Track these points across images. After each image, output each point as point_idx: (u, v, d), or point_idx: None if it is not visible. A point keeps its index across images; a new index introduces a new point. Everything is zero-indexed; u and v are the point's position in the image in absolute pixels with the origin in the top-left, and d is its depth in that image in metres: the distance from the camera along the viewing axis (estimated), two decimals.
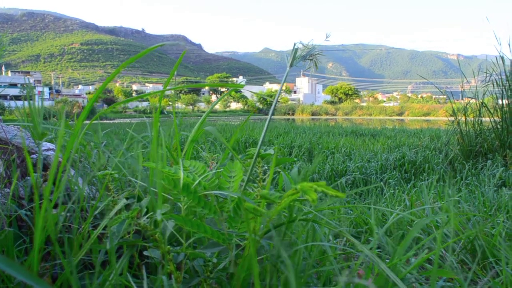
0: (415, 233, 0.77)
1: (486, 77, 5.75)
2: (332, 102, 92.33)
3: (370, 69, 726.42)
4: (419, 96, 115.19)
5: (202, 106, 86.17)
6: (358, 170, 5.37)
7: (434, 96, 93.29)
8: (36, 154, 1.39)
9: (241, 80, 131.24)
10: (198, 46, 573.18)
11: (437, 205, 2.53)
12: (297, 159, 6.40)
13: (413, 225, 1.97)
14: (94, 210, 0.96)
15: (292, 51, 0.88)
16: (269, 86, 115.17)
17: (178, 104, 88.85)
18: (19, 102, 2.37)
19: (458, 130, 5.60)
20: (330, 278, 0.93)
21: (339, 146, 7.82)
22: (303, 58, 0.90)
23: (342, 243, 1.75)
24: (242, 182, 0.88)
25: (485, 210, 2.50)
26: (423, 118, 51.15)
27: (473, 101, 5.87)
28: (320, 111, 70.76)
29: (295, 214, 0.82)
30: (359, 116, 63.95)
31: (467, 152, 5.43)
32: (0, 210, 1.02)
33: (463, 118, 5.65)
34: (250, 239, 0.60)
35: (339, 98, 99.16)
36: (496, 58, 5.60)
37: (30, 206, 1.10)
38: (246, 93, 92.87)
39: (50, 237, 0.81)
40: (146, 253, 0.84)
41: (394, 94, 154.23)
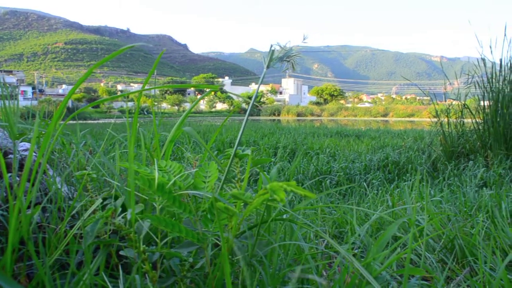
0: (391, 233, 0.78)
1: (468, 79, 5.83)
2: (317, 103, 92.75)
3: (355, 70, 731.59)
4: (404, 97, 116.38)
5: (188, 106, 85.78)
6: (342, 170, 5.40)
7: (418, 97, 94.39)
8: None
9: (226, 80, 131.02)
10: (184, 46, 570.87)
11: (418, 205, 2.56)
12: (274, 159, 6.41)
13: (388, 225, 1.99)
14: (71, 210, 0.96)
15: (269, 53, 0.89)
16: (254, 87, 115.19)
17: (164, 104, 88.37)
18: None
19: (441, 131, 5.68)
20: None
21: (324, 146, 7.86)
22: (280, 59, 0.90)
23: (324, 243, 1.77)
24: (219, 182, 0.88)
25: (465, 210, 2.53)
26: (408, 119, 51.68)
27: (455, 102, 5.95)
28: (305, 112, 70.99)
29: (274, 214, 0.83)
30: (344, 117, 64.32)
31: (450, 153, 5.50)
32: None
33: (446, 120, 5.73)
34: (222, 239, 0.60)
35: (325, 99, 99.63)
36: (477, 61, 5.69)
37: (6, 206, 1.09)
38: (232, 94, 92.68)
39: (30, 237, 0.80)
40: (122, 252, 0.84)
41: (379, 95, 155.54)
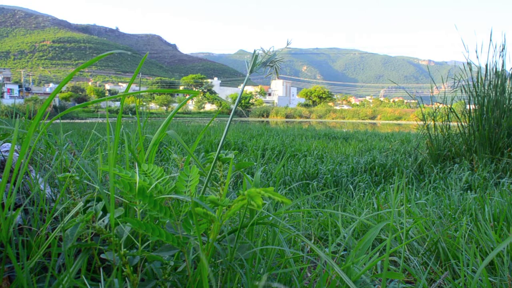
0: (372, 237, 0.78)
1: (455, 83, 5.90)
2: (306, 105, 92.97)
3: (343, 73, 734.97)
4: (391, 100, 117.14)
5: (176, 106, 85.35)
6: (329, 172, 5.42)
7: (405, 100, 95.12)
8: None
9: (215, 81, 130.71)
10: (173, 47, 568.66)
11: (403, 208, 2.58)
12: (262, 161, 6.41)
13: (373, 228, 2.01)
14: (53, 213, 0.95)
15: (252, 58, 0.89)
16: (244, 88, 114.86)
17: (152, 104, 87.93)
18: None
19: (427, 134, 5.73)
20: (291, 279, 0.95)
21: (312, 149, 7.88)
22: (264, 64, 0.90)
23: (310, 246, 1.77)
24: (202, 185, 0.88)
25: (450, 213, 2.56)
26: (395, 122, 52.04)
27: (442, 106, 6.01)
28: (294, 114, 71.10)
29: (257, 217, 0.83)
30: (333, 119, 64.57)
31: (436, 156, 5.55)
32: None
33: (432, 123, 5.79)
34: (200, 243, 0.60)
35: (313, 101, 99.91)
36: (464, 65, 5.75)
37: None
38: (221, 94, 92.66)
39: (11, 239, 0.79)
40: (103, 256, 0.83)
41: (367, 98, 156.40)
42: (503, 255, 1.61)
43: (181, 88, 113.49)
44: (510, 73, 5.47)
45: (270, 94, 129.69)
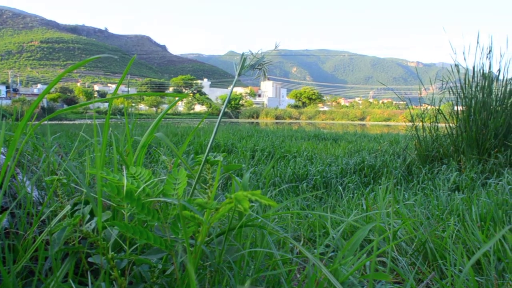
0: (360, 238, 0.79)
1: (443, 84, 5.96)
2: (296, 106, 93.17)
3: (333, 74, 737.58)
4: (381, 101, 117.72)
5: (166, 107, 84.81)
6: (319, 174, 5.44)
7: (394, 102, 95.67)
8: None
9: (205, 82, 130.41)
10: (163, 47, 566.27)
11: (392, 209, 2.60)
12: (252, 162, 6.42)
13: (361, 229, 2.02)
14: (40, 216, 0.94)
15: (240, 60, 0.89)
16: (233, 89, 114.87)
17: (142, 105, 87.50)
18: None
19: (416, 135, 5.77)
20: (279, 281, 0.95)
21: (301, 150, 7.90)
22: (252, 67, 0.91)
23: (299, 248, 1.78)
24: (191, 188, 0.88)
25: (437, 213, 2.58)
26: (384, 123, 52.37)
27: (430, 107, 6.07)
28: (284, 115, 71.24)
29: (246, 219, 0.83)
30: (322, 120, 64.80)
31: (424, 157, 5.59)
32: None
33: (421, 124, 5.83)
34: (187, 246, 0.60)
35: (303, 103, 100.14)
36: (451, 67, 5.81)
37: None
38: (211, 95, 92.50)
39: None
40: (91, 259, 0.83)
41: (356, 99, 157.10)
42: (490, 255, 1.63)
43: (170, 89, 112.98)
44: (497, 75, 5.53)
45: (260, 95, 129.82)
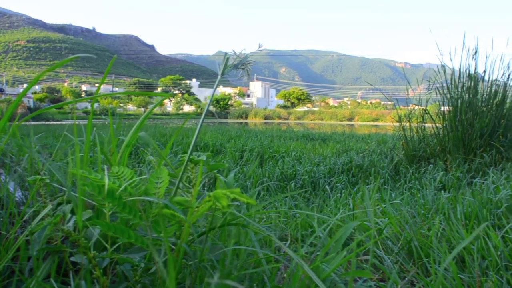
0: (343, 236, 0.79)
1: (430, 85, 6.02)
2: (284, 107, 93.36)
3: (322, 74, 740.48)
4: (369, 102, 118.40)
5: (150, 108, 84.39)
6: (307, 174, 5.46)
7: (382, 102, 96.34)
8: None
9: (194, 82, 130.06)
10: (151, 47, 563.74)
11: (378, 208, 2.62)
12: (241, 162, 6.42)
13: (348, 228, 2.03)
14: (22, 216, 0.94)
15: (223, 60, 0.90)
16: (222, 89, 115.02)
17: (130, 105, 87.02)
18: None
19: (403, 135, 5.82)
20: (263, 279, 0.95)
21: (290, 150, 7.92)
22: (235, 67, 0.91)
23: (286, 246, 1.79)
24: (173, 187, 0.88)
25: (423, 212, 2.60)
26: (372, 123, 52.68)
27: (417, 108, 6.13)
28: (273, 115, 71.30)
29: (229, 218, 0.84)
30: (311, 120, 64.98)
31: (411, 156, 5.64)
32: None
33: (408, 124, 5.88)
34: (167, 245, 0.60)
35: (292, 103, 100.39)
36: (438, 68, 5.87)
37: None
38: (200, 96, 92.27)
39: None
40: (72, 259, 0.83)
41: (345, 99, 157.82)
42: (474, 252, 1.65)
43: (159, 89, 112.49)
44: (483, 75, 5.60)
45: (249, 96, 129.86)
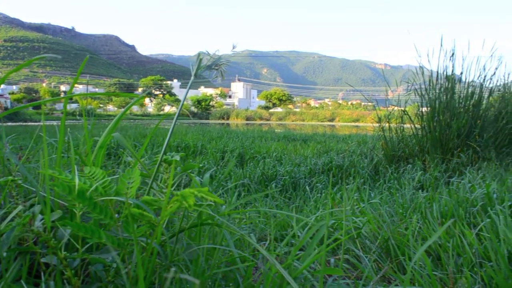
0: (318, 235, 0.80)
1: (409, 86, 6.11)
2: (266, 107, 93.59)
3: (303, 76, 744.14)
4: (350, 103, 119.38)
5: (135, 109, 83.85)
6: (287, 174, 5.48)
7: (363, 103, 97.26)
8: None
9: (175, 83, 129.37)
10: (132, 48, 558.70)
11: (357, 208, 2.65)
12: (222, 163, 6.41)
13: (328, 227, 2.05)
14: None
15: (196, 61, 0.90)
16: (204, 90, 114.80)
17: (110, 106, 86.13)
18: None
19: (383, 136, 5.89)
20: (237, 278, 0.96)
21: (271, 151, 7.94)
22: (209, 67, 0.91)
23: (266, 245, 1.79)
24: (149, 188, 0.88)
25: (401, 211, 2.64)
26: (353, 124, 53.16)
27: (396, 108, 6.21)
28: (254, 116, 71.40)
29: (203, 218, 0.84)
30: (293, 121, 65.25)
31: (390, 156, 5.71)
32: None
33: (387, 125, 5.95)
34: (136, 244, 0.60)
35: (273, 104, 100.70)
36: (416, 69, 5.96)
37: None
38: (181, 96, 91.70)
39: None
40: (44, 259, 0.82)
41: (326, 100, 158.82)
42: (449, 249, 1.68)
43: (140, 90, 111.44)
44: (460, 77, 5.70)
45: (230, 97, 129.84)
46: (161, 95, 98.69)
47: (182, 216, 0.75)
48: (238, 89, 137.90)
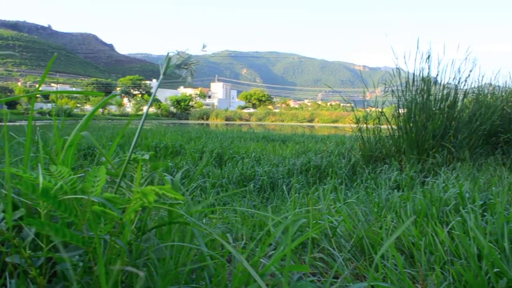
0: (289, 234, 0.81)
1: (386, 88, 6.20)
2: (246, 108, 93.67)
3: (283, 76, 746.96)
4: (329, 103, 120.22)
5: (113, 109, 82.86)
6: (266, 174, 5.49)
7: (342, 104, 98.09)
8: None
9: (154, 83, 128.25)
10: (110, 47, 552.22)
11: (332, 207, 2.67)
12: (200, 163, 6.40)
13: (305, 227, 2.07)
14: None
15: (165, 60, 0.90)
16: (183, 90, 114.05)
17: (88, 106, 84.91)
18: None
19: (360, 136, 5.95)
20: (210, 276, 0.96)
21: (250, 151, 7.94)
22: (178, 67, 0.91)
23: (242, 245, 1.80)
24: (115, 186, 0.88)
25: (376, 210, 2.68)
26: (332, 124, 53.61)
27: (374, 109, 6.29)
28: (234, 116, 71.39)
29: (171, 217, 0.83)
30: (272, 122, 65.45)
31: (368, 157, 5.77)
32: None
33: (365, 126, 6.03)
34: (97, 242, 0.60)
35: (253, 104, 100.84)
36: (393, 71, 6.05)
37: None
38: (160, 97, 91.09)
39: None
40: (8, 259, 0.80)
41: (305, 101, 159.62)
42: (422, 247, 1.71)
43: (118, 89, 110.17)
44: (435, 79, 5.81)
45: (210, 97, 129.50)
46: (139, 95, 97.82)
47: (147, 214, 0.74)
48: (217, 89, 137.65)
